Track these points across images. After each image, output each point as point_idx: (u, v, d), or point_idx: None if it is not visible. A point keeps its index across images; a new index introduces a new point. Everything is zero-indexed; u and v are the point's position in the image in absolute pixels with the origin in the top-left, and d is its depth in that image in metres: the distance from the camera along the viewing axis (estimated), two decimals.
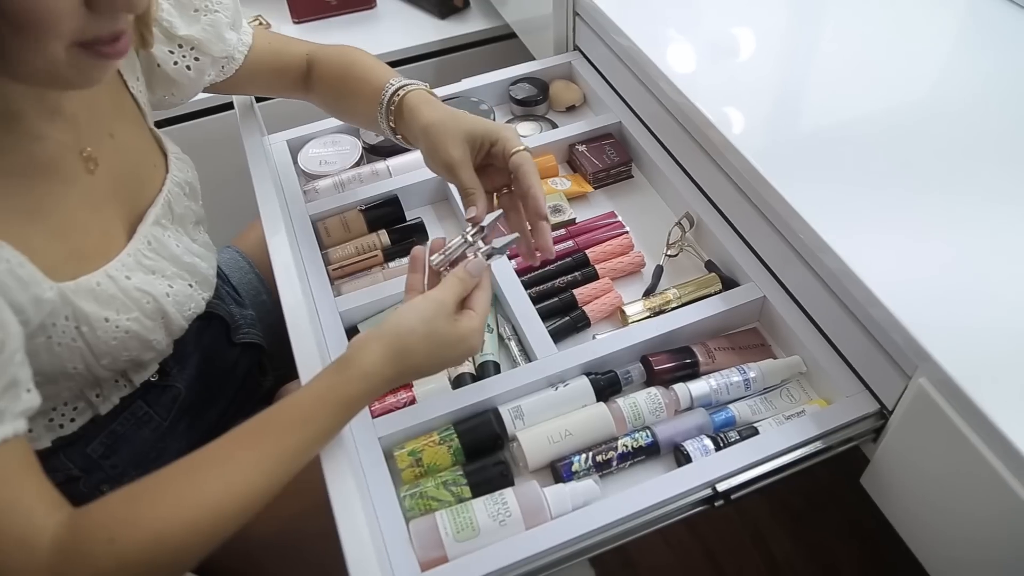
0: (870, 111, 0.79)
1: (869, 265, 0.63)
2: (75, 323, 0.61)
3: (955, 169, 0.72)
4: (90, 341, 0.63)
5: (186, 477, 0.54)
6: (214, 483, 0.54)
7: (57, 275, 0.59)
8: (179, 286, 0.72)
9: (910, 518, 0.67)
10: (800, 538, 1.32)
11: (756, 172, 0.73)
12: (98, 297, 0.63)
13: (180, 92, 0.78)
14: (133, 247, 0.68)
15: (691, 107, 0.81)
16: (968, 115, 0.77)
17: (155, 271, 0.69)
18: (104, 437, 0.71)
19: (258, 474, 0.55)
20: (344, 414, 0.58)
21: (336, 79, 0.84)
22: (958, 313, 0.60)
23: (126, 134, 0.71)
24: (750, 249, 0.81)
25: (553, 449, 0.68)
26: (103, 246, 0.66)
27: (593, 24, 1.02)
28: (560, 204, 0.90)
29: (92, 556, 0.50)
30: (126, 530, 0.51)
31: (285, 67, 0.85)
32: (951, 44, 0.88)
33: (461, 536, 0.62)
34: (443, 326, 0.61)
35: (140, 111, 0.74)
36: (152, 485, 0.54)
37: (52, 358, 0.61)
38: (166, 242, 0.71)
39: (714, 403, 0.73)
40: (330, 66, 0.84)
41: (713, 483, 0.65)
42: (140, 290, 0.67)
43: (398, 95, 0.77)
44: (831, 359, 0.73)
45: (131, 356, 0.68)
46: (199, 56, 0.77)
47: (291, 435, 0.56)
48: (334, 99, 0.86)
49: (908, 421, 0.63)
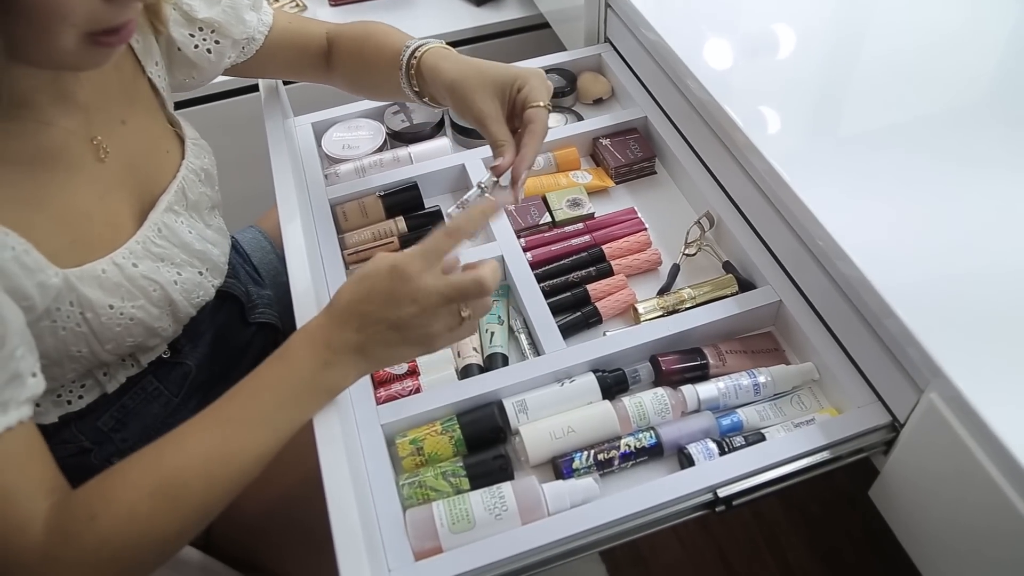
0: (898, 119, 0.77)
1: (885, 274, 0.62)
2: (79, 309, 0.62)
3: (982, 179, 0.70)
4: (94, 327, 0.64)
5: (155, 452, 0.55)
6: (175, 458, 0.54)
7: (61, 262, 0.59)
8: (188, 274, 0.72)
9: (916, 534, 0.65)
10: (815, 546, 1.30)
11: (776, 173, 0.71)
12: (103, 284, 0.63)
13: (200, 75, 0.79)
14: (142, 235, 0.68)
15: (716, 106, 0.80)
16: (1004, 126, 0.75)
17: (164, 259, 0.70)
18: (115, 411, 0.73)
19: (218, 452, 0.55)
20: (314, 384, 0.57)
21: (355, 54, 0.84)
22: (973, 329, 0.59)
23: (139, 121, 0.71)
24: (769, 252, 0.80)
25: (555, 445, 0.68)
26: (110, 233, 0.66)
27: (624, 17, 1.00)
28: (579, 198, 0.90)
29: (77, 535, 0.51)
30: (103, 506, 0.52)
31: (305, 47, 0.85)
32: (994, 49, 0.85)
33: (456, 528, 0.62)
34: (387, 282, 0.56)
35: (157, 96, 0.75)
36: (127, 462, 0.54)
37: (56, 342, 0.62)
38: (177, 229, 0.72)
39: (722, 406, 0.72)
40: (349, 42, 0.84)
41: (715, 488, 0.64)
42: (147, 278, 0.67)
43: (416, 57, 0.77)
44: (845, 368, 0.71)
45: (135, 342, 0.69)
46: (219, 39, 0.77)
47: (248, 426, 0.56)
48: (355, 75, 0.86)
49: (918, 435, 0.62)
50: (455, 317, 0.58)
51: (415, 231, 0.88)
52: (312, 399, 0.58)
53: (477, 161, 0.93)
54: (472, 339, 0.78)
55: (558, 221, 0.88)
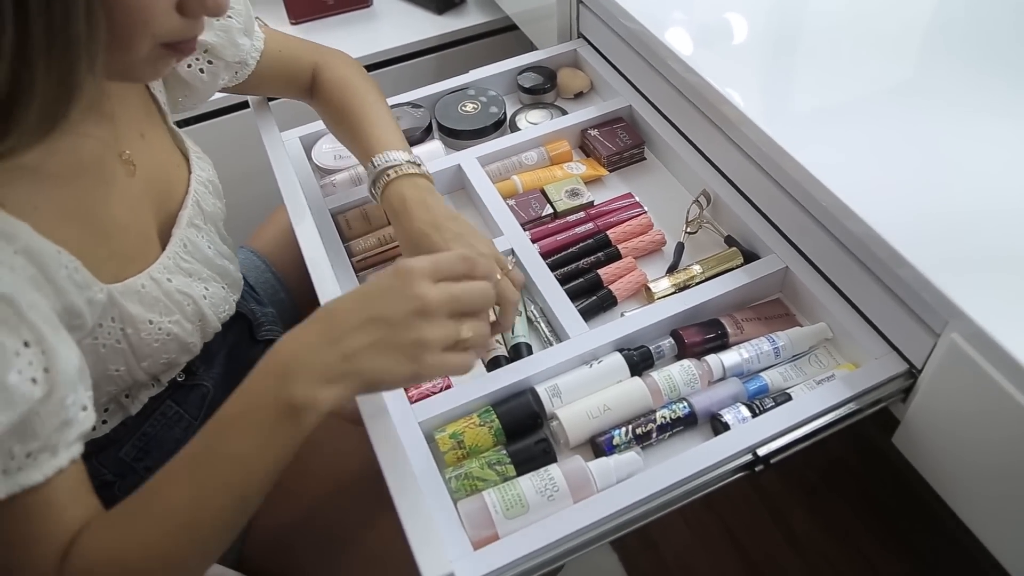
0: (881, 72, 0.80)
1: (891, 225, 0.64)
2: (120, 324, 0.61)
3: (972, 122, 0.73)
4: (133, 343, 0.63)
5: (141, 500, 0.53)
6: (154, 516, 0.53)
7: (103, 277, 0.59)
8: (214, 288, 0.72)
9: (947, 474, 0.68)
10: (818, 513, 1.34)
11: (772, 142, 0.74)
12: (143, 299, 0.63)
13: (194, 95, 0.79)
14: (171, 250, 0.68)
15: (705, 84, 0.82)
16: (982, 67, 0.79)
17: (191, 274, 0.70)
18: (136, 440, 0.71)
19: (192, 505, 0.53)
20: (277, 408, 0.51)
21: (334, 114, 0.85)
22: (983, 267, 0.62)
23: (154, 134, 0.72)
24: (768, 222, 0.83)
25: (593, 424, 0.69)
26: (142, 248, 0.66)
27: (598, 10, 1.03)
28: (577, 188, 0.91)
29: None
30: (98, 559, 0.52)
31: (293, 77, 0.87)
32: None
33: (511, 513, 0.63)
34: (390, 278, 0.54)
35: (161, 112, 0.75)
36: (118, 511, 0.54)
37: (96, 360, 0.61)
38: (200, 244, 0.72)
39: (746, 372, 0.74)
40: (329, 99, 0.85)
41: (753, 448, 0.66)
42: (181, 292, 0.67)
43: (386, 176, 0.75)
44: (856, 323, 0.74)
45: (169, 359, 0.68)
46: (212, 60, 0.78)
47: (226, 455, 0.53)
48: (333, 129, 0.88)
49: (941, 377, 0.65)
50: (452, 332, 0.54)
51: None
52: (279, 428, 0.51)
53: (472, 161, 0.94)
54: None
55: (560, 212, 0.89)
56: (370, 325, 0.52)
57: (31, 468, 0.49)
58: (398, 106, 1.02)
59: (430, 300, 0.52)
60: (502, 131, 1.02)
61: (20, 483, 0.49)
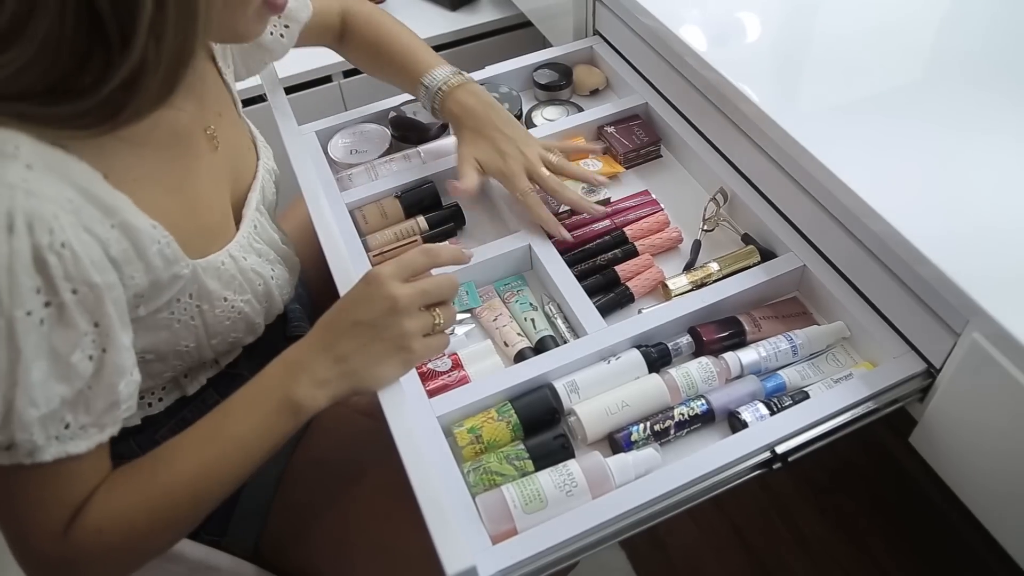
0: (904, 75, 0.80)
1: (913, 224, 0.64)
2: (197, 301, 0.64)
3: (1003, 119, 0.73)
4: (208, 320, 0.65)
5: (150, 470, 0.59)
6: (165, 478, 0.58)
7: (189, 251, 0.61)
8: (279, 271, 0.75)
9: (965, 474, 0.68)
10: (827, 514, 1.34)
11: (793, 141, 0.74)
12: (221, 276, 0.65)
13: (272, 58, 0.86)
14: (245, 229, 0.70)
15: (720, 79, 0.82)
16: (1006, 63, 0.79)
17: (262, 255, 0.72)
18: (175, 424, 0.72)
19: (201, 471, 0.59)
20: (281, 401, 0.59)
21: (370, 51, 0.93)
22: (1008, 264, 0.61)
23: (228, 115, 0.74)
24: (786, 220, 0.83)
25: (611, 420, 0.69)
26: (223, 225, 0.68)
27: (614, 7, 1.03)
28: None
29: (86, 545, 0.56)
30: (109, 522, 0.56)
31: (327, 26, 0.93)
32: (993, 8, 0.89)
33: (530, 508, 0.63)
34: (361, 286, 0.62)
35: (232, 98, 0.78)
36: (127, 478, 0.58)
37: (170, 335, 0.64)
38: (265, 227, 0.75)
39: (763, 370, 0.74)
40: (363, 35, 0.93)
41: (772, 446, 0.66)
42: (255, 271, 0.70)
43: (442, 92, 0.87)
44: (874, 322, 0.74)
45: (236, 338, 0.71)
46: (288, 23, 0.84)
47: (231, 435, 0.59)
48: (368, 67, 0.96)
49: (960, 377, 0.65)
50: (428, 320, 0.62)
51: (436, 228, 0.88)
52: (279, 418, 0.59)
53: None
54: (514, 327, 0.79)
55: None
56: (355, 329, 0.60)
57: (80, 439, 0.53)
58: (414, 102, 1.02)
59: (399, 299, 0.60)
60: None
61: (68, 451, 0.53)
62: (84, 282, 0.50)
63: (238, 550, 0.79)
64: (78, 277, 0.50)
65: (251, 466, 0.60)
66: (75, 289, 0.50)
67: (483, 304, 0.82)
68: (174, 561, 0.73)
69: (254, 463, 0.60)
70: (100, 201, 0.53)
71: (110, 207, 0.53)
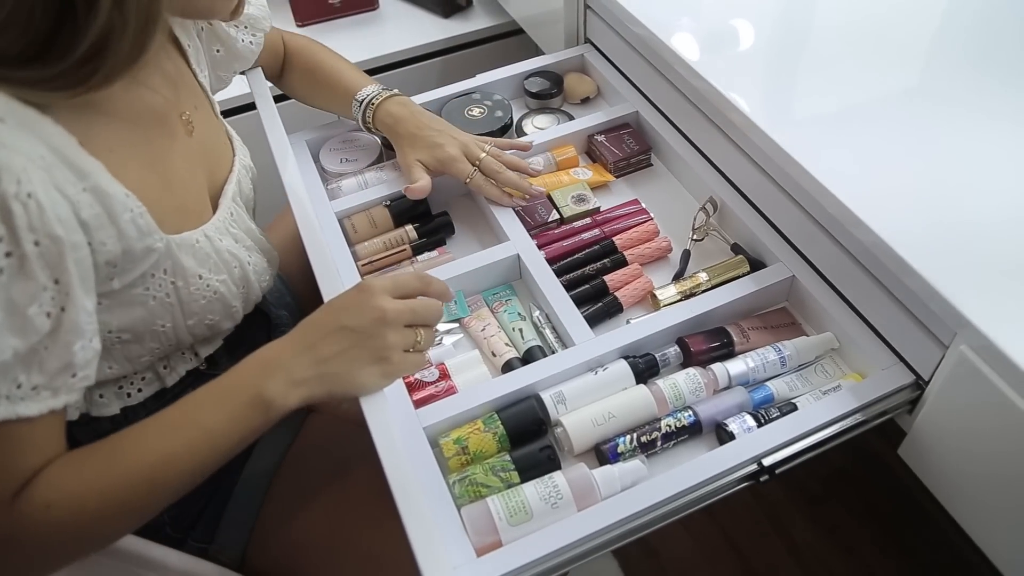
0: (889, 83, 0.80)
1: (900, 235, 0.64)
2: (172, 277, 0.64)
3: (991, 129, 0.73)
4: (183, 297, 0.66)
5: (108, 450, 0.57)
6: (124, 460, 0.57)
7: (164, 226, 0.62)
8: (256, 258, 0.76)
9: (953, 487, 0.67)
10: (820, 523, 1.33)
11: (781, 150, 0.74)
12: (196, 254, 0.66)
13: (241, 66, 0.89)
14: (221, 214, 0.72)
15: (710, 89, 0.82)
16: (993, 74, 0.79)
17: (238, 240, 0.73)
18: None
19: (162, 458, 0.57)
20: (253, 396, 0.59)
21: (307, 76, 0.97)
22: (993, 277, 0.61)
23: (204, 112, 0.76)
24: (775, 230, 0.82)
25: (597, 432, 0.69)
26: (199, 206, 0.69)
27: (606, 15, 1.03)
28: (584, 194, 0.91)
29: (32, 519, 0.54)
30: (58, 497, 0.54)
31: (276, 51, 0.97)
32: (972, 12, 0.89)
33: (515, 520, 0.62)
34: (352, 293, 0.63)
35: (208, 98, 0.79)
36: (84, 456, 0.57)
37: (145, 312, 0.64)
38: (243, 217, 0.76)
39: (751, 381, 0.74)
40: (301, 61, 0.97)
41: (759, 458, 0.66)
42: (231, 253, 0.70)
43: (373, 104, 0.92)
44: (863, 333, 0.74)
45: (213, 321, 0.71)
46: (255, 32, 0.87)
47: (199, 424, 0.59)
48: (305, 93, 0.99)
49: (949, 389, 0.64)
50: (411, 337, 0.63)
51: (425, 238, 0.88)
52: (249, 412, 0.59)
53: None
54: (502, 337, 0.78)
55: (566, 217, 0.89)
56: (339, 334, 0.60)
57: (31, 400, 0.52)
58: None
59: (388, 311, 0.61)
60: (508, 136, 1.01)
61: (17, 412, 0.52)
62: (47, 235, 0.50)
63: (225, 558, 0.79)
64: (42, 229, 0.50)
65: (215, 459, 0.59)
66: (37, 241, 0.50)
67: (471, 314, 0.82)
68: (157, 570, 0.72)
69: (219, 456, 0.59)
70: (72, 163, 0.53)
71: (83, 170, 0.54)
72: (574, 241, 0.86)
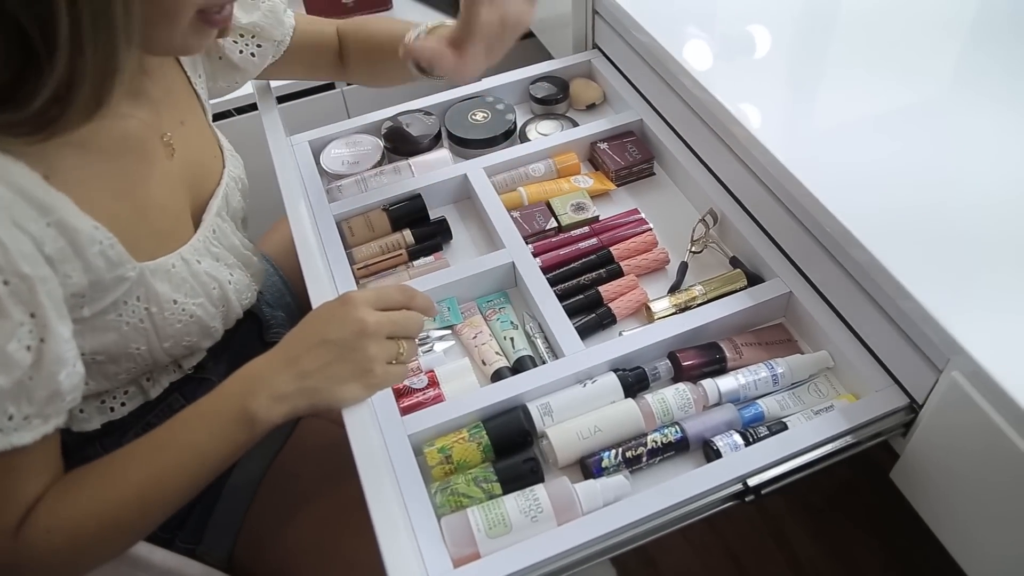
0: (891, 94, 0.79)
1: (898, 258, 0.63)
2: (145, 304, 0.64)
3: (985, 147, 0.72)
4: (157, 323, 0.66)
5: (99, 475, 0.59)
6: (115, 484, 0.59)
7: (137, 253, 0.62)
8: (238, 276, 0.76)
9: (943, 513, 0.66)
10: (822, 536, 1.32)
11: (781, 166, 0.73)
12: (171, 279, 0.66)
13: (242, 78, 0.86)
14: (202, 233, 0.71)
15: (714, 102, 0.81)
16: (999, 93, 0.77)
17: (219, 259, 0.73)
18: (140, 428, 0.73)
19: (152, 479, 0.59)
20: (238, 412, 0.60)
21: (368, 48, 0.91)
22: (993, 303, 0.60)
23: (193, 125, 0.75)
24: (775, 245, 0.81)
25: (582, 445, 0.68)
26: (177, 228, 0.69)
27: (613, 22, 1.02)
28: (583, 202, 0.91)
29: (34, 543, 0.56)
30: (57, 523, 0.56)
31: (322, 46, 0.92)
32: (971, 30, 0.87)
33: (493, 532, 0.62)
34: (335, 304, 0.63)
35: (201, 106, 0.78)
36: (78, 481, 0.59)
37: (119, 337, 0.64)
38: (227, 233, 0.75)
39: (742, 398, 0.73)
40: (358, 38, 0.92)
41: (744, 478, 0.65)
42: (209, 275, 0.70)
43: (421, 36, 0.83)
44: (859, 354, 0.72)
45: (191, 342, 0.71)
46: (261, 42, 0.83)
47: (187, 443, 0.60)
48: (371, 67, 0.93)
49: (940, 415, 0.63)
50: (393, 349, 0.63)
51: (422, 242, 0.88)
52: (235, 429, 0.60)
53: (478, 171, 0.94)
54: (493, 345, 0.78)
55: (564, 226, 0.89)
56: (321, 348, 0.60)
57: (24, 430, 0.54)
58: (409, 113, 1.02)
59: (369, 324, 0.61)
60: (511, 141, 1.01)
61: (12, 442, 0.53)
62: (15, 273, 0.51)
63: (212, 559, 0.79)
64: (8, 268, 0.51)
65: (204, 476, 0.60)
66: (7, 280, 0.51)
67: (464, 321, 0.82)
68: (144, 569, 0.73)
69: (208, 473, 0.60)
70: (35, 199, 0.54)
71: (46, 206, 0.54)
72: (571, 250, 0.86)
